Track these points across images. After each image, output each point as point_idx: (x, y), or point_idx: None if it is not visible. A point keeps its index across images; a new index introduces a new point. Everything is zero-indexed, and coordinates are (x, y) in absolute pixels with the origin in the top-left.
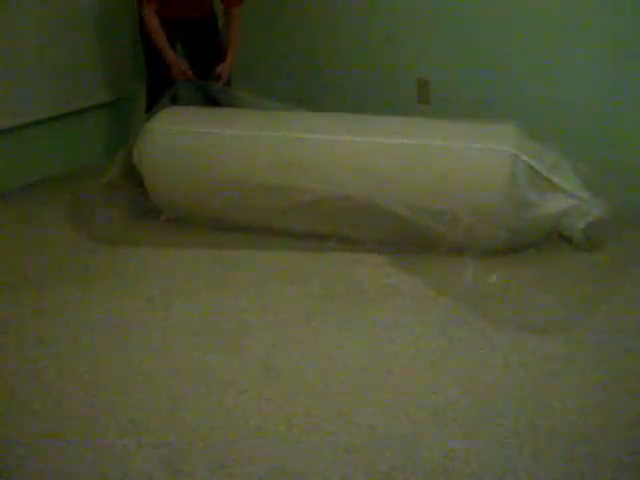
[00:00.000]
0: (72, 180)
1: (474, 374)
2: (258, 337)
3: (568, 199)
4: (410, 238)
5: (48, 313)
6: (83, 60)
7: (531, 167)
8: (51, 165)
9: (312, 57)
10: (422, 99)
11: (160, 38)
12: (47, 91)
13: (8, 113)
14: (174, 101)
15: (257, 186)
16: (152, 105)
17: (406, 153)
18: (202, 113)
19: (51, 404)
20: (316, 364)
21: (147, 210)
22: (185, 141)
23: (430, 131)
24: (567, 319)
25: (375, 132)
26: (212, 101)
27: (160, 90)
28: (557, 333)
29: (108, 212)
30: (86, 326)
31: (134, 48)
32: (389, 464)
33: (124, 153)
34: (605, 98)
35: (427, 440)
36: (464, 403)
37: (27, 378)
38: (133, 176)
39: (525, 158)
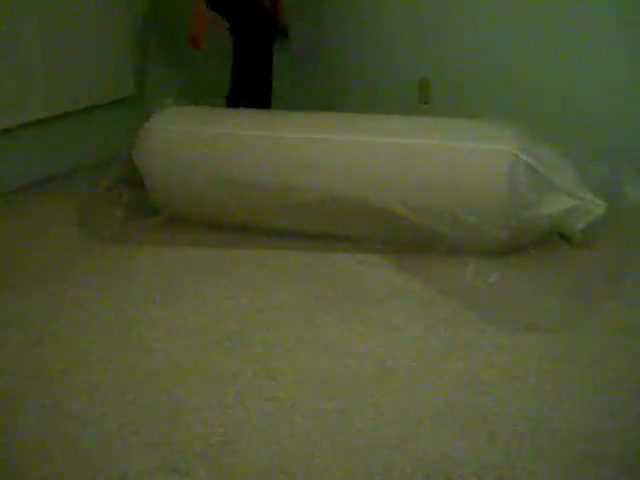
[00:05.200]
0: (72, 180)
1: (474, 374)
2: (258, 337)
3: (568, 199)
4: (410, 238)
5: (48, 313)
6: (83, 60)
7: (531, 167)
8: (51, 165)
9: (311, 58)
10: (422, 99)
11: None
12: (47, 91)
13: (8, 113)
14: None
15: (257, 186)
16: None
17: (406, 153)
18: (202, 113)
19: (51, 404)
20: (316, 364)
21: (147, 210)
22: (185, 141)
23: (430, 131)
24: (567, 319)
25: (375, 132)
26: None
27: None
28: (557, 333)
29: (108, 212)
30: (86, 326)
31: (134, 48)
32: (389, 464)
33: (120, 160)
34: (608, 98)
35: (427, 440)
36: (464, 403)
37: (27, 378)
38: (132, 179)
39: (525, 158)
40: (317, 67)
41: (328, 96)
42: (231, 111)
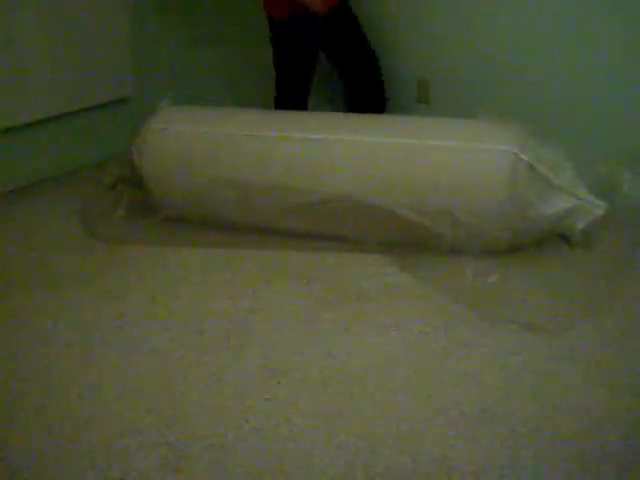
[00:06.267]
0: (72, 180)
1: (474, 374)
2: (258, 337)
3: (568, 199)
4: (410, 238)
5: (48, 313)
6: (83, 60)
7: (532, 167)
8: (51, 165)
9: None
10: (422, 99)
11: None
12: (47, 91)
13: (8, 113)
14: None
15: (257, 186)
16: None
17: (406, 153)
18: (202, 113)
19: (51, 404)
20: (316, 364)
21: (147, 210)
22: (185, 141)
23: (430, 131)
24: (567, 319)
25: (375, 132)
26: None
27: (290, 102)
28: (557, 333)
29: (108, 212)
30: (86, 326)
31: (134, 48)
32: (389, 464)
33: (120, 160)
34: (607, 98)
35: (427, 440)
36: (464, 403)
37: (27, 378)
38: (132, 179)
39: (526, 158)
40: (317, 68)
41: (328, 96)
42: (230, 111)
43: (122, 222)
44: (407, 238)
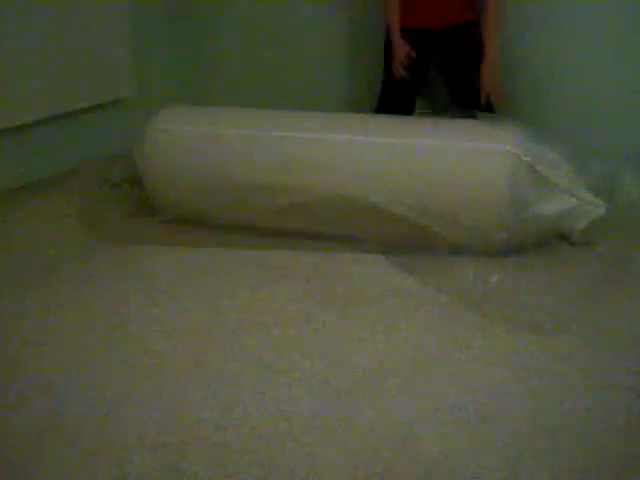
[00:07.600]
0: (72, 180)
1: (474, 374)
2: (258, 337)
3: (568, 199)
4: (410, 238)
5: (48, 312)
6: (83, 60)
7: (531, 167)
8: (51, 165)
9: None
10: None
11: (391, 13)
12: (47, 91)
13: (8, 113)
14: None
15: (257, 186)
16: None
17: (406, 153)
18: (202, 113)
19: (51, 404)
20: (316, 364)
21: (147, 210)
22: (185, 141)
23: (430, 131)
24: (567, 319)
25: (375, 132)
26: None
27: (389, 107)
28: (557, 333)
29: (108, 212)
30: (86, 326)
31: (134, 48)
32: (389, 464)
33: (122, 160)
34: (607, 98)
35: (427, 440)
36: (464, 403)
37: (27, 378)
38: (133, 179)
39: (526, 158)
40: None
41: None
42: (231, 110)
43: (122, 222)
44: (407, 238)
